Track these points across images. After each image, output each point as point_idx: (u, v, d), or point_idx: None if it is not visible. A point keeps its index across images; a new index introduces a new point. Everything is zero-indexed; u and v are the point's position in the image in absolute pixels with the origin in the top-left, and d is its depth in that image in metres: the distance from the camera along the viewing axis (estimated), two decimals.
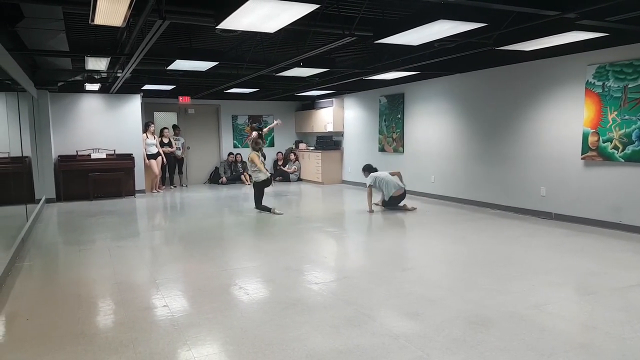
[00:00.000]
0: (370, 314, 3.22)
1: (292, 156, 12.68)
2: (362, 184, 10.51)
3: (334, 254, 5.07)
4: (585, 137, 6.04)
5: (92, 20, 3.70)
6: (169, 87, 9.70)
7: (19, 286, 3.97)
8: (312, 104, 12.70)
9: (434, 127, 8.73)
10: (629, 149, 5.56)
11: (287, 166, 12.63)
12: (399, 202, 7.53)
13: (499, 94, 7.33)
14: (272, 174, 8.52)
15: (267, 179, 7.62)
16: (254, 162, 7.51)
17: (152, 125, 10.36)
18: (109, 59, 6.22)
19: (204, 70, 7.10)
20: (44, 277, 4.32)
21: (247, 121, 12.47)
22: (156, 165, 10.20)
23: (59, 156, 9.17)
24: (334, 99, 11.66)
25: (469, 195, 8.00)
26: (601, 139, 5.86)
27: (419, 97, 9.06)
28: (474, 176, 7.91)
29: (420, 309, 3.29)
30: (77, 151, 9.35)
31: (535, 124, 6.76)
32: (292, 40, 6.03)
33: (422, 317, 3.14)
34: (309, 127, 12.62)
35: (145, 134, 10.10)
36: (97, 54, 6.00)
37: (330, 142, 11.92)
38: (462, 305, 3.37)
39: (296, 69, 6.97)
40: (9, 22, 4.65)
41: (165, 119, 11.88)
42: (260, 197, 7.65)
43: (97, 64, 6.41)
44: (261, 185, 7.63)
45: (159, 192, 10.37)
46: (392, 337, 2.84)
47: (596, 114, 5.91)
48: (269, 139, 12.60)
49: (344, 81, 8.41)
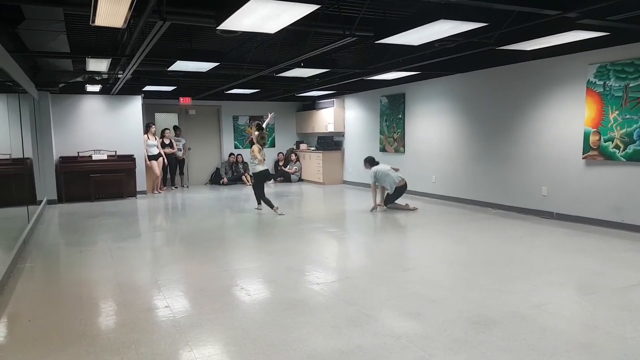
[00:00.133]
0: (371, 314, 3.22)
1: (293, 157, 12.68)
2: (363, 184, 10.53)
3: (335, 255, 5.07)
4: (586, 136, 6.04)
5: (93, 21, 3.70)
6: (169, 88, 9.71)
7: (20, 288, 3.97)
8: (312, 105, 12.70)
9: (435, 127, 8.72)
10: (630, 148, 5.56)
11: (288, 167, 12.63)
12: (403, 193, 7.53)
13: (499, 94, 7.32)
14: (274, 174, 8.49)
15: (266, 171, 7.56)
16: (254, 152, 7.45)
17: (153, 126, 10.37)
18: (110, 60, 6.23)
19: (204, 71, 7.11)
20: (46, 279, 4.33)
21: (247, 122, 12.49)
22: (157, 166, 10.22)
23: (60, 157, 9.18)
24: (334, 99, 11.65)
25: (470, 195, 7.99)
26: (602, 138, 5.86)
27: (419, 97, 9.06)
28: (475, 176, 7.90)
29: (421, 309, 3.29)
30: (78, 152, 9.36)
31: (536, 124, 6.75)
32: (292, 40, 6.03)
33: (424, 317, 3.14)
34: (309, 127, 12.62)
35: (146, 135, 10.11)
36: (98, 55, 6.01)
37: (331, 143, 11.91)
38: (463, 305, 3.36)
39: (297, 69, 6.98)
40: (9, 24, 4.65)
41: (166, 120, 11.90)
42: (261, 191, 7.59)
43: (98, 65, 6.43)
44: (260, 178, 7.56)
45: (160, 193, 10.38)
46: (393, 338, 2.84)
47: (597, 114, 5.90)
48: (270, 139, 12.59)
49: (344, 81, 8.41)
